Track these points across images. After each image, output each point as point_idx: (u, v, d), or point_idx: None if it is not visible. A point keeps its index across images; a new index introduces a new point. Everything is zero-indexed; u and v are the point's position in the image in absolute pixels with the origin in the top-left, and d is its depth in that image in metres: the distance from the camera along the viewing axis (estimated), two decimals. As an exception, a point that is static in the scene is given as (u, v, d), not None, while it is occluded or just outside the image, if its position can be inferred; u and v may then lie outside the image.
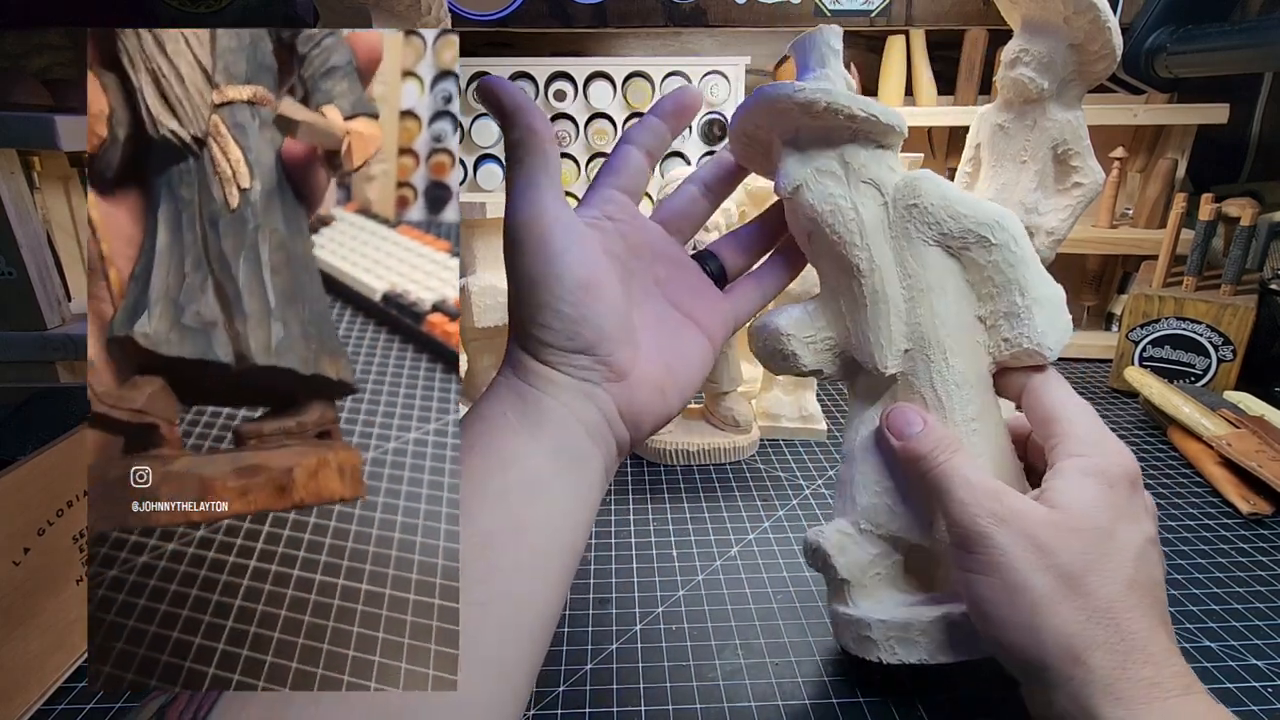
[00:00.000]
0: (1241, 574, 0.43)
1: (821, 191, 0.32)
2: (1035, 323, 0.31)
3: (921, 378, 0.32)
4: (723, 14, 0.89)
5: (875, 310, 0.32)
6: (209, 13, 0.85)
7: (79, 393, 0.60)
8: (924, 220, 0.31)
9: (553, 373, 0.28)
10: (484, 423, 0.28)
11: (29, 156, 0.61)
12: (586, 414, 0.28)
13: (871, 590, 0.33)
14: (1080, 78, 0.47)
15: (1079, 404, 0.32)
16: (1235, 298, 0.66)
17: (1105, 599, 0.26)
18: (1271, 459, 0.51)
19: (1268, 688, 0.35)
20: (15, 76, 0.66)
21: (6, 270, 0.57)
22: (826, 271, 0.34)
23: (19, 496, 0.33)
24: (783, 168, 0.33)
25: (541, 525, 0.26)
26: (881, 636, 0.32)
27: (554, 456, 0.27)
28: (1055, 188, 0.50)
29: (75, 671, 0.35)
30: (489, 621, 0.24)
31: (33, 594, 0.33)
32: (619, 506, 0.52)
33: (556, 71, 0.91)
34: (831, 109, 0.30)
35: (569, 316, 0.28)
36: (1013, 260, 0.31)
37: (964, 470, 0.30)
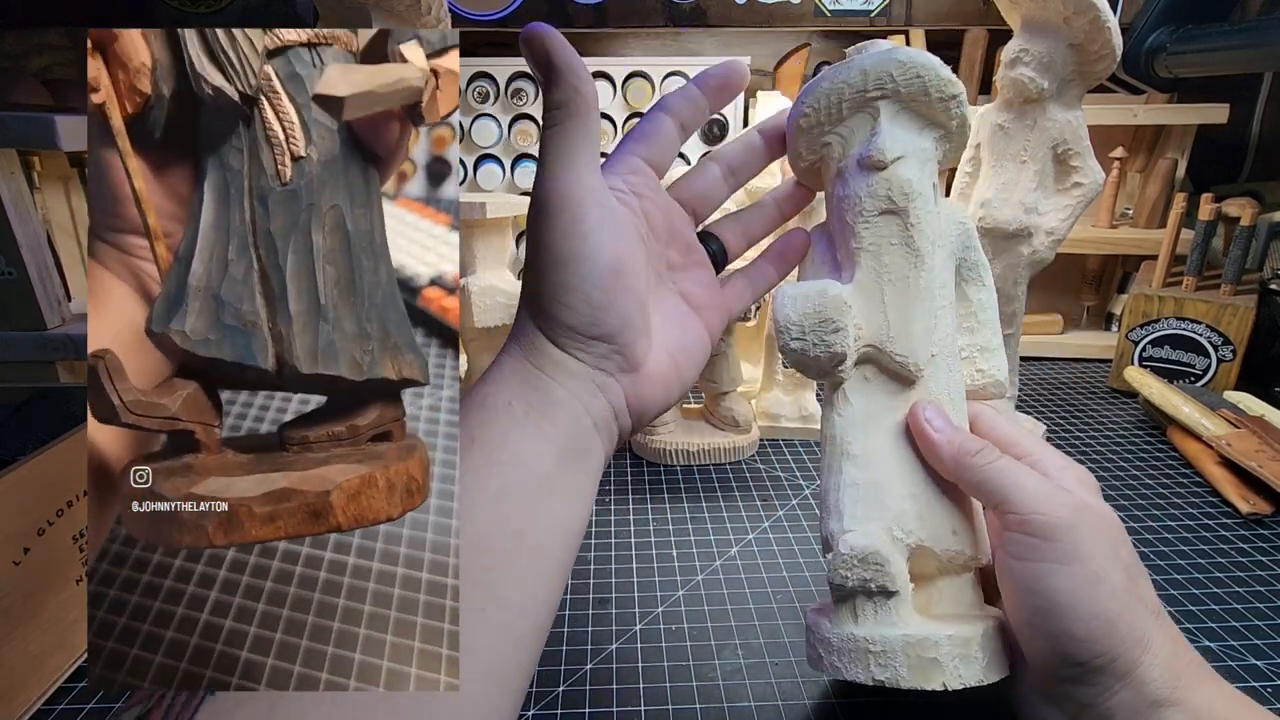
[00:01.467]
0: (1241, 574, 0.43)
1: (917, 170, 0.31)
2: (1001, 361, 0.35)
3: (939, 386, 0.31)
4: (723, 14, 0.89)
5: (926, 305, 0.31)
6: (209, 13, 0.85)
7: (79, 393, 0.60)
8: (961, 239, 0.33)
9: (567, 358, 0.27)
10: (486, 413, 0.26)
11: (29, 156, 0.61)
12: (595, 405, 0.27)
13: (904, 613, 0.29)
14: (1080, 78, 0.47)
15: (1024, 431, 0.33)
16: (1235, 298, 0.66)
17: (1149, 591, 0.28)
18: (1271, 459, 0.51)
19: (1267, 688, 0.35)
20: (15, 76, 0.66)
21: (6, 270, 0.57)
22: (886, 256, 0.31)
23: (19, 496, 0.33)
24: (882, 135, 0.31)
25: (542, 526, 0.25)
26: (947, 658, 0.28)
27: (560, 455, 0.26)
28: (1055, 187, 0.50)
29: (75, 671, 0.35)
30: (485, 626, 0.23)
31: (33, 594, 0.33)
32: (619, 506, 0.52)
33: (556, 71, 0.91)
34: (960, 99, 0.31)
35: (596, 301, 0.27)
36: (991, 304, 0.34)
37: (1020, 466, 0.29)
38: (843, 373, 0.31)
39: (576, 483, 0.27)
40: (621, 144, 0.30)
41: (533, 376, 0.27)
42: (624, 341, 0.27)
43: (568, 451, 0.26)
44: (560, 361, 0.27)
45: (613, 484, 0.55)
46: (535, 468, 0.25)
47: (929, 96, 0.30)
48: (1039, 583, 0.27)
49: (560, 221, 0.27)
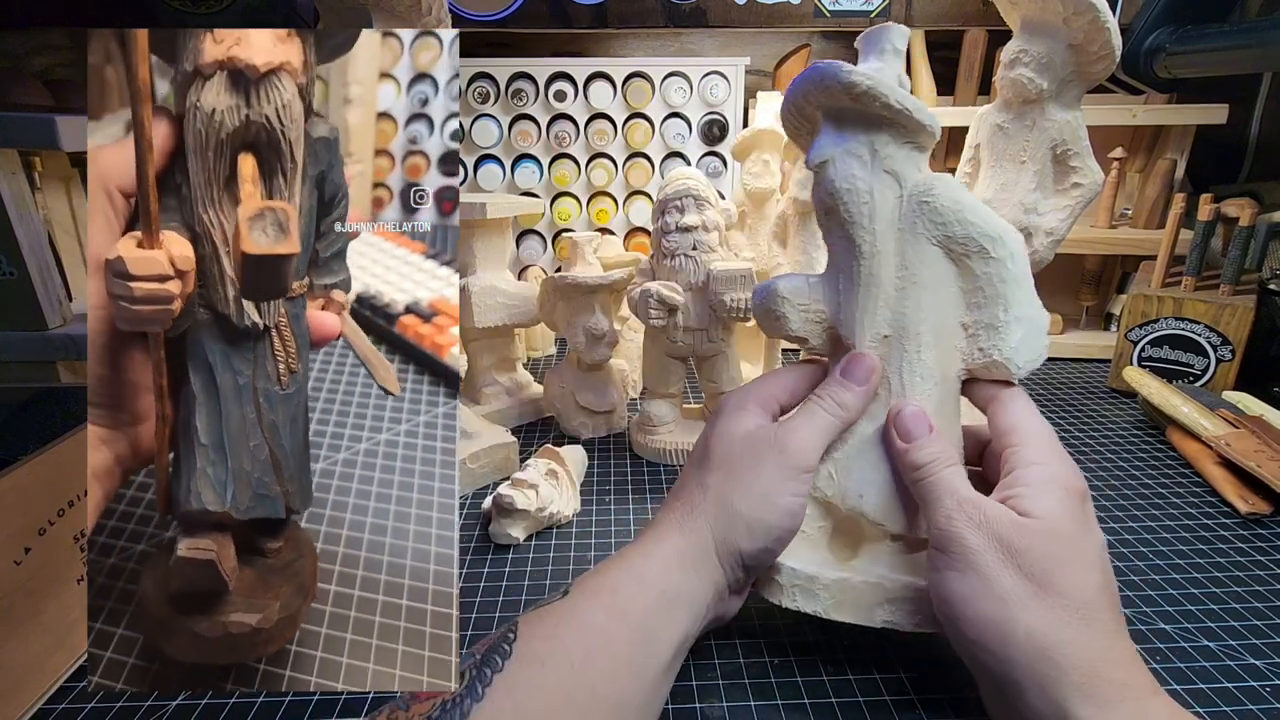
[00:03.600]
0: (1240, 574, 0.44)
1: (845, 170, 0.34)
2: (1010, 339, 0.33)
3: (892, 364, 0.34)
4: (723, 14, 0.90)
5: (866, 292, 0.34)
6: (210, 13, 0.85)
7: (79, 393, 0.60)
8: (932, 219, 0.33)
9: (719, 571, 0.32)
10: (642, 587, 0.30)
11: (30, 156, 0.61)
12: (710, 613, 0.32)
13: (792, 546, 0.35)
14: (1079, 78, 0.47)
15: (1041, 421, 0.33)
16: (1234, 298, 0.66)
17: (1077, 600, 0.27)
18: (1270, 459, 0.51)
19: (1266, 687, 0.35)
20: (16, 76, 0.66)
21: (8, 270, 0.57)
22: (834, 248, 0.36)
23: (19, 496, 0.33)
24: (817, 141, 0.35)
25: (650, 711, 0.30)
26: (787, 583, 0.35)
27: (677, 646, 0.30)
28: (1054, 188, 0.50)
29: (75, 671, 0.35)
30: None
31: (34, 594, 0.33)
32: (619, 506, 0.52)
33: (557, 72, 0.91)
34: (870, 94, 0.33)
35: (773, 549, 0.33)
36: (1005, 276, 0.33)
37: (954, 482, 0.31)
38: (812, 346, 0.37)
39: (675, 669, 0.31)
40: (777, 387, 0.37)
41: (687, 571, 0.31)
42: (755, 576, 0.34)
43: (682, 645, 0.31)
44: (712, 571, 0.32)
45: (613, 483, 0.55)
46: (660, 653, 0.29)
47: (852, 99, 0.33)
48: (940, 590, 0.30)
49: (796, 479, 0.33)
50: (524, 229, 0.98)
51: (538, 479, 0.48)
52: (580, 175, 0.95)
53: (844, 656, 0.37)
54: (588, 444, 0.61)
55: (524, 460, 0.54)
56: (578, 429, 0.63)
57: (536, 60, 0.91)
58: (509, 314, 0.63)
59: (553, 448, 0.53)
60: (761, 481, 0.32)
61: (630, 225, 0.97)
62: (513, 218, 0.66)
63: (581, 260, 0.62)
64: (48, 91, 0.67)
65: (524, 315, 0.64)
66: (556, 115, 0.93)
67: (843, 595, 0.34)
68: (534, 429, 0.65)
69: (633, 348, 0.72)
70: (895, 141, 0.34)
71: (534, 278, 0.85)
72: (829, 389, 0.34)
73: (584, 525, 0.50)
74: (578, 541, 0.48)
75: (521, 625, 0.29)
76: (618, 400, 0.63)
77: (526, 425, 0.66)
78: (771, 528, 0.32)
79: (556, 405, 0.64)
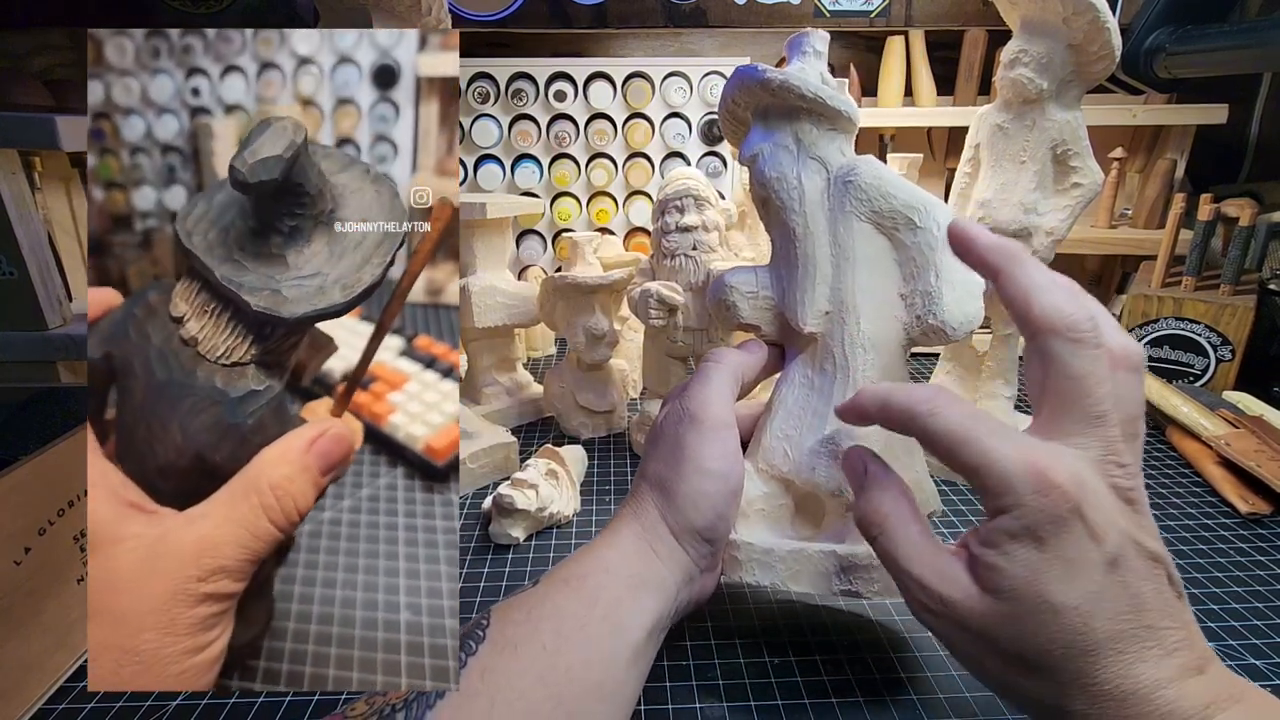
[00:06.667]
0: (1240, 574, 0.44)
1: (774, 160, 0.37)
2: (943, 303, 0.34)
3: (835, 338, 0.36)
4: (723, 14, 0.90)
5: (804, 272, 0.36)
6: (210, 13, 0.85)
7: (79, 393, 0.60)
8: (858, 197, 0.35)
9: (680, 552, 0.33)
10: (609, 577, 0.31)
11: (30, 156, 0.61)
12: (684, 594, 0.33)
13: (752, 522, 0.36)
14: (1079, 78, 0.47)
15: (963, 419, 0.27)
16: (1234, 298, 0.66)
17: (1070, 673, 0.24)
18: (1270, 459, 0.51)
19: (1266, 687, 0.35)
20: (16, 76, 0.66)
21: (8, 270, 0.57)
22: (774, 236, 0.39)
23: (19, 496, 0.33)
24: (747, 138, 0.39)
25: (630, 691, 0.30)
26: (745, 558, 0.36)
27: (650, 630, 0.31)
28: (1054, 188, 0.50)
29: (76, 671, 0.35)
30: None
31: (34, 594, 0.33)
32: (619, 502, 0.52)
33: (556, 72, 0.91)
34: (785, 87, 0.36)
35: (721, 513, 0.33)
36: (933, 243, 0.34)
37: (903, 549, 0.27)
38: (764, 332, 0.39)
39: (649, 655, 0.32)
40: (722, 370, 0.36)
41: (649, 556, 0.32)
42: (720, 546, 0.34)
43: (654, 629, 0.31)
44: (675, 552, 0.32)
45: (613, 483, 0.55)
46: (632, 637, 0.30)
47: (771, 94, 0.36)
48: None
49: (714, 439, 0.33)
50: (524, 229, 0.98)
51: (538, 479, 0.48)
52: (580, 175, 0.95)
53: (844, 657, 0.37)
54: (588, 444, 0.61)
55: (524, 460, 0.54)
56: (578, 429, 0.63)
57: (536, 60, 0.91)
58: (509, 314, 0.63)
59: (553, 448, 0.53)
60: (686, 454, 0.33)
61: (630, 225, 0.97)
62: (513, 218, 0.66)
63: (581, 260, 0.62)
64: (48, 91, 0.67)
65: (524, 315, 0.64)
66: (556, 115, 0.93)
67: (799, 566, 0.35)
68: (534, 429, 0.65)
69: (633, 348, 0.72)
70: (817, 129, 0.37)
71: (534, 278, 0.85)
72: (711, 352, 0.38)
73: (584, 525, 0.50)
74: (578, 541, 0.48)
75: (494, 613, 0.29)
76: (618, 400, 0.63)
77: (526, 425, 0.66)
78: (712, 494, 0.33)
79: (556, 405, 0.64)
